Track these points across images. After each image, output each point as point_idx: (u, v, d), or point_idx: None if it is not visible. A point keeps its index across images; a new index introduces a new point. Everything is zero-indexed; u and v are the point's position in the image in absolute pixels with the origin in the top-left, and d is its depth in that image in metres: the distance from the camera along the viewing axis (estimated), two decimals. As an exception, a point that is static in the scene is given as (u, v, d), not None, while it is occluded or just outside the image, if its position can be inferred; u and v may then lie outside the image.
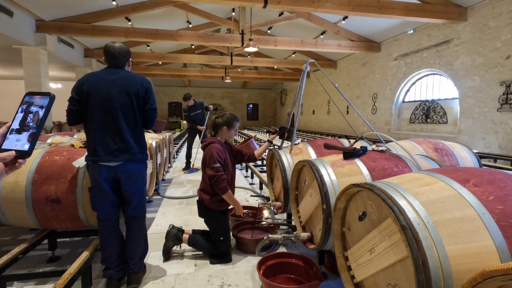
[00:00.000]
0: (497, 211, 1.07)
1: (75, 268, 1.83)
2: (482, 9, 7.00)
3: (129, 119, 1.98)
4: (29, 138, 0.63)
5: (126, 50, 2.08)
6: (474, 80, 7.29)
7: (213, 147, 2.38)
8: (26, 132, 0.64)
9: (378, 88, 11.38)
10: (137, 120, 2.03)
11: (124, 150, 1.97)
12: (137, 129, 2.04)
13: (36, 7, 7.66)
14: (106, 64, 2.08)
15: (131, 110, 1.98)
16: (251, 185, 5.11)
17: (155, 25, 10.39)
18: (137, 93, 1.99)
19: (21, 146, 0.63)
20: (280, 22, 9.98)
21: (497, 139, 6.78)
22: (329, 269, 2.27)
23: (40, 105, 0.66)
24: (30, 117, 0.65)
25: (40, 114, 0.65)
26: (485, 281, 0.80)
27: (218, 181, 2.29)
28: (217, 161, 2.32)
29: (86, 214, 2.27)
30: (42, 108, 0.66)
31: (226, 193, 2.35)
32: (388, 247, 1.23)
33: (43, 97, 0.67)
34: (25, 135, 0.63)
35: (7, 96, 17.56)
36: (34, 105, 0.66)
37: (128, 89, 1.97)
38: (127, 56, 2.09)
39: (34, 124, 0.64)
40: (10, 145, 0.63)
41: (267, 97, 27.26)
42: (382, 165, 1.91)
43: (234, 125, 2.53)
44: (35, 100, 0.66)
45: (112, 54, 2.02)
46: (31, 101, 0.67)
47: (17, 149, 0.62)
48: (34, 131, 0.64)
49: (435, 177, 1.29)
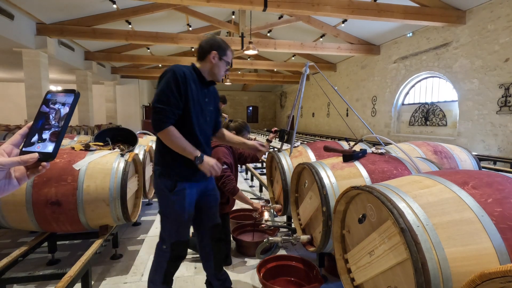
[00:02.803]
0: (496, 214, 1.07)
1: (75, 271, 1.83)
2: (481, 12, 7.04)
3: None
4: (52, 139, 0.57)
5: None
6: (473, 82, 7.32)
7: (220, 150, 2.41)
8: (49, 132, 0.58)
9: (377, 90, 11.41)
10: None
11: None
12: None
13: (37, 10, 7.69)
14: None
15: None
16: (251, 188, 5.10)
17: (156, 28, 10.43)
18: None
19: (44, 148, 0.57)
20: (279, 25, 10.02)
21: (497, 141, 6.80)
22: (329, 272, 2.26)
23: (64, 103, 0.60)
24: (53, 116, 0.59)
25: (64, 113, 0.59)
26: (484, 283, 0.80)
27: (226, 181, 2.28)
28: (224, 163, 2.34)
29: (86, 217, 2.27)
30: (66, 106, 0.60)
31: (237, 194, 2.32)
32: (387, 250, 1.24)
33: (67, 94, 0.61)
34: (48, 136, 0.57)
35: (8, 99, 17.58)
36: (57, 103, 0.60)
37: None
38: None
39: (57, 123, 0.58)
40: (32, 147, 0.57)
41: (267, 100, 27.30)
42: (382, 167, 1.91)
43: (243, 133, 2.56)
44: (58, 98, 0.61)
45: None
46: (53, 99, 0.61)
47: (40, 151, 0.56)
48: (58, 131, 0.58)
49: (434, 179, 1.30)
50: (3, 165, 0.53)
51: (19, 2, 7.09)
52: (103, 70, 14.26)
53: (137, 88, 18.19)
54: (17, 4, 7.13)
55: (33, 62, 8.40)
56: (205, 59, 1.72)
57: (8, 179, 0.56)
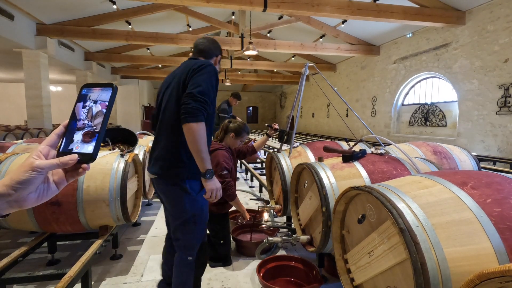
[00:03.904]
0: (495, 214, 1.08)
1: (74, 271, 1.83)
2: (480, 13, 7.05)
3: None
4: (89, 138, 0.53)
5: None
6: (473, 83, 7.33)
7: (220, 154, 2.39)
8: (85, 131, 0.53)
9: (377, 91, 11.42)
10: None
11: None
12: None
13: (37, 10, 7.70)
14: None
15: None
16: (250, 188, 5.11)
17: (156, 28, 10.43)
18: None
19: (83, 149, 0.52)
20: (279, 25, 10.03)
21: (496, 142, 6.80)
22: (329, 272, 2.27)
23: (100, 99, 0.55)
24: (88, 113, 0.54)
25: (99, 109, 0.54)
26: (483, 283, 0.80)
27: (226, 188, 2.32)
28: (225, 169, 2.34)
29: (86, 217, 2.27)
30: (103, 102, 0.55)
31: (234, 200, 2.40)
32: (387, 250, 1.24)
33: (103, 88, 0.56)
34: (85, 135, 0.53)
35: (7, 99, 17.59)
36: (91, 99, 0.55)
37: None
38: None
39: (92, 121, 0.54)
40: (70, 148, 0.52)
41: (267, 100, 27.30)
42: (381, 168, 1.92)
43: (242, 135, 2.54)
44: (94, 93, 0.56)
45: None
46: (89, 94, 0.56)
47: (80, 152, 0.51)
48: (95, 129, 0.53)
49: (433, 180, 1.30)
50: (42, 168, 0.48)
51: (19, 2, 7.10)
52: (103, 71, 14.27)
53: (137, 88, 18.19)
54: (17, 4, 7.14)
55: (33, 62, 8.41)
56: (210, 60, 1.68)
57: (46, 184, 0.51)
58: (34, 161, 0.48)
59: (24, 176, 0.47)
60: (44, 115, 8.65)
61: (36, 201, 0.50)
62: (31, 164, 0.48)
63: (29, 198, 0.49)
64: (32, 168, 0.47)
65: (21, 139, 6.07)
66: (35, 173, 0.48)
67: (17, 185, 0.47)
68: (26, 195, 0.48)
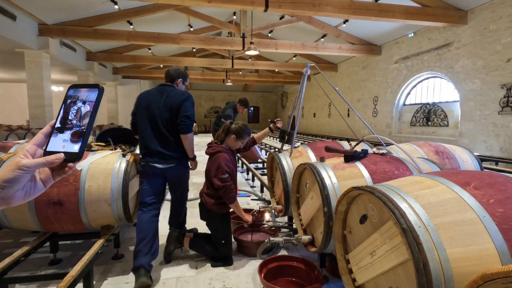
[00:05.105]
0: (498, 214, 1.07)
1: (76, 271, 1.83)
2: (482, 12, 7.02)
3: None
4: (77, 138, 0.54)
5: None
6: (475, 83, 7.30)
7: (221, 157, 2.39)
8: (74, 131, 0.54)
9: (379, 91, 11.39)
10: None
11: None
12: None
13: (39, 11, 7.73)
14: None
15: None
16: (252, 188, 5.11)
17: (157, 28, 10.46)
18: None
19: (69, 148, 0.53)
20: (281, 25, 10.03)
21: (498, 142, 6.77)
22: (331, 272, 2.26)
23: (88, 100, 0.56)
24: (76, 113, 0.56)
25: (88, 109, 0.56)
26: (486, 283, 0.80)
27: (227, 191, 2.34)
28: (226, 172, 2.34)
29: (88, 217, 2.28)
30: (89, 102, 0.56)
31: (234, 203, 2.41)
32: (389, 250, 1.24)
33: (90, 89, 0.57)
34: (73, 134, 0.54)
35: (10, 99, 17.66)
36: (80, 99, 0.57)
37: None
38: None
39: (81, 121, 0.55)
40: (56, 147, 0.53)
41: (268, 100, 27.31)
42: (383, 168, 1.91)
43: (243, 137, 2.53)
44: (81, 93, 0.57)
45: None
46: (76, 94, 0.57)
47: (66, 151, 0.53)
48: (83, 129, 0.54)
49: (435, 180, 1.29)
50: (28, 167, 0.49)
51: (21, 3, 7.12)
52: (105, 71, 14.30)
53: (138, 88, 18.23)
54: (19, 5, 7.17)
55: (35, 62, 8.44)
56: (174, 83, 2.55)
57: (33, 182, 0.53)
58: (20, 160, 0.50)
59: (11, 175, 0.49)
60: (46, 115, 8.68)
61: (23, 198, 0.52)
62: (18, 163, 0.49)
63: (16, 196, 0.51)
64: (19, 167, 0.49)
65: (23, 139, 6.09)
66: (22, 172, 0.49)
67: (4, 184, 0.48)
68: (13, 193, 0.50)
